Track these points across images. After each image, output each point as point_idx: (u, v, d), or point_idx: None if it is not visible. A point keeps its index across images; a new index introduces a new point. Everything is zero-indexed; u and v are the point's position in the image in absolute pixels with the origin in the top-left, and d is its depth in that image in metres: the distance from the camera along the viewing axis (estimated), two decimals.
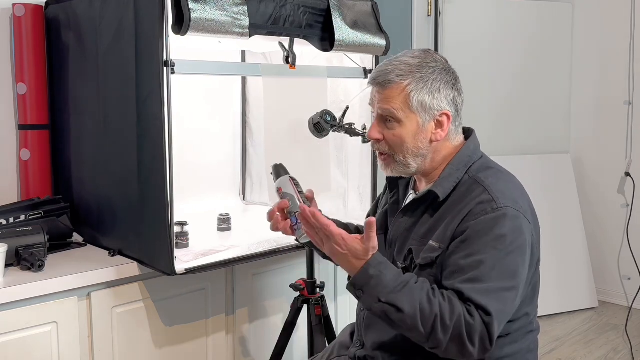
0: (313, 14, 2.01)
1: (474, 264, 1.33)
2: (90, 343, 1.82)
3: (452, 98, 1.48)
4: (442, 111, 1.46)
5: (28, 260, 1.75)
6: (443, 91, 1.45)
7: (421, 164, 1.50)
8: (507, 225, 1.35)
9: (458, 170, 1.47)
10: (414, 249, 1.47)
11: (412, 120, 1.45)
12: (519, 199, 1.43)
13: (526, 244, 1.37)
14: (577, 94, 4.16)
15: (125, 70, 1.82)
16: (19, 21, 2.12)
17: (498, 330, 1.31)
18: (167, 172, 1.72)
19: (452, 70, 1.50)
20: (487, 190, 1.41)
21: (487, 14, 3.91)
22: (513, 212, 1.37)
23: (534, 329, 1.54)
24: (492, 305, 1.29)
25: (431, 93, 1.44)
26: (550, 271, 3.87)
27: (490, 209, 1.37)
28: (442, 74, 1.46)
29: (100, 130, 1.97)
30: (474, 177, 1.45)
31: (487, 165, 1.51)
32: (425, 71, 1.45)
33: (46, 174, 2.20)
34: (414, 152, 1.47)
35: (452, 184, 1.46)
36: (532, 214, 1.47)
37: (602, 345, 3.42)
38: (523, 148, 4.03)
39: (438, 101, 1.45)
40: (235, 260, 1.97)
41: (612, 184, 4.00)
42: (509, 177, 1.51)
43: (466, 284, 1.32)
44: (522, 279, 1.36)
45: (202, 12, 1.69)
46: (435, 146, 1.49)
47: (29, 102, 2.16)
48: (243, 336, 2.19)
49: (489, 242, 1.34)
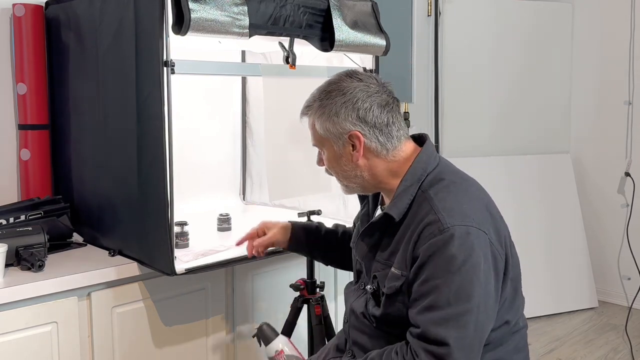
0: (313, 14, 2.01)
1: (431, 290, 1.33)
2: (90, 343, 1.82)
3: (357, 116, 1.44)
4: (349, 132, 1.44)
5: (28, 260, 1.75)
6: (342, 114, 1.44)
7: (362, 182, 1.50)
8: (457, 245, 1.32)
9: (411, 185, 1.45)
10: (379, 275, 1.47)
11: (329, 147, 1.49)
12: (471, 211, 1.39)
13: (481, 260, 1.34)
14: (577, 94, 4.16)
15: (125, 70, 1.82)
16: (19, 21, 2.12)
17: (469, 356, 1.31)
18: (167, 172, 1.72)
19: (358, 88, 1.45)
20: (433, 209, 1.38)
21: (487, 14, 3.91)
22: (461, 230, 1.34)
23: (520, 328, 1.53)
24: (451, 334, 1.29)
25: (330, 119, 1.45)
26: (550, 271, 3.88)
27: (437, 230, 1.34)
28: (339, 97, 1.45)
29: (100, 130, 1.97)
30: (425, 193, 1.43)
31: (440, 177, 1.46)
32: (324, 97, 1.46)
33: (46, 174, 2.20)
34: (344, 175, 1.50)
35: (406, 202, 1.44)
36: (490, 221, 1.43)
37: (602, 345, 3.42)
38: (523, 148, 4.03)
39: (340, 125, 1.44)
40: (235, 260, 1.97)
41: (612, 184, 4.00)
42: (462, 187, 1.46)
43: (424, 313, 1.33)
44: (481, 298, 1.33)
45: (202, 12, 1.69)
46: (364, 164, 1.47)
47: (29, 102, 2.16)
48: (243, 336, 2.19)
49: (441, 266, 1.33)
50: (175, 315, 1.99)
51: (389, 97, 1.47)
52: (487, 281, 1.35)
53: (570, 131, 4.21)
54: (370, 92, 1.45)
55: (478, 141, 3.94)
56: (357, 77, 1.47)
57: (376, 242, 1.50)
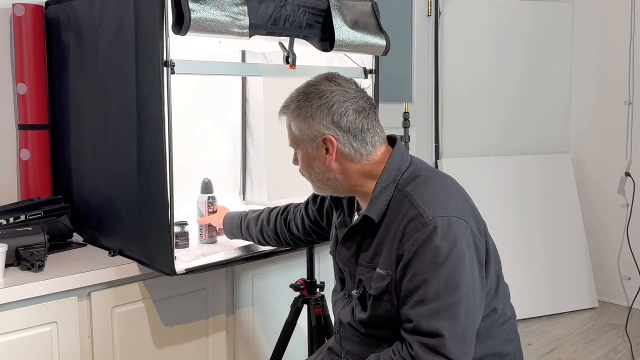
0: (313, 14, 2.01)
1: (420, 284, 1.34)
2: (90, 343, 1.82)
3: (331, 121, 1.44)
4: (323, 136, 1.45)
5: (28, 260, 1.75)
6: (317, 117, 1.44)
7: (335, 185, 1.50)
8: (440, 237, 1.34)
9: (387, 187, 1.46)
10: (364, 278, 1.48)
11: (303, 149, 1.50)
12: (450, 201, 1.41)
13: (464, 248, 1.36)
14: (577, 94, 4.16)
15: (125, 70, 1.82)
16: (19, 21, 2.12)
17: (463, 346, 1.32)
18: (167, 172, 1.72)
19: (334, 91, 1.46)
20: (413, 204, 1.40)
21: (487, 14, 3.91)
22: (443, 221, 1.36)
23: (507, 319, 1.54)
24: (443, 325, 1.31)
25: (305, 120, 1.46)
26: (551, 271, 3.88)
27: (420, 224, 1.36)
28: (316, 100, 1.45)
29: (100, 130, 1.97)
30: (402, 191, 1.44)
31: (415, 174, 1.47)
32: (301, 99, 1.47)
33: (46, 174, 2.20)
34: (317, 177, 1.51)
35: (384, 203, 1.45)
36: (470, 210, 1.45)
37: (602, 345, 3.42)
38: (523, 148, 4.03)
39: (316, 127, 1.45)
40: (235, 260, 1.97)
41: (612, 184, 4.00)
42: (438, 180, 1.48)
43: (415, 308, 1.34)
44: (469, 287, 1.35)
45: (202, 12, 1.69)
46: (338, 168, 1.47)
47: (29, 102, 2.16)
48: (243, 336, 2.19)
49: (427, 259, 1.34)
50: (175, 315, 1.99)
51: (366, 104, 1.47)
52: (472, 269, 1.37)
53: (570, 131, 4.21)
54: (347, 98, 1.45)
55: (478, 141, 3.94)
56: (335, 81, 1.48)
57: (357, 245, 1.51)
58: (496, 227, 3.74)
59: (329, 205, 1.77)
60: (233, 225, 2.05)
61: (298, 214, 1.89)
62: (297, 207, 1.92)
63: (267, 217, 1.95)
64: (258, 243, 2.00)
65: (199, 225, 2.13)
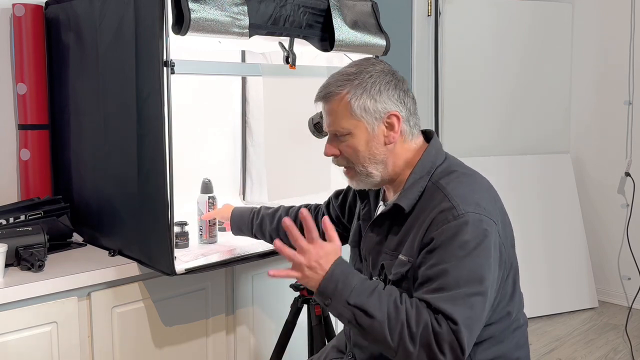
0: (313, 14, 2.01)
1: (440, 273, 1.32)
2: (90, 343, 1.82)
3: (398, 97, 1.45)
4: (389, 112, 1.44)
5: (28, 260, 1.75)
6: (384, 93, 1.44)
7: (383, 171, 1.49)
8: (470, 231, 1.34)
9: (421, 178, 1.46)
10: (386, 264, 1.47)
11: (361, 128, 1.45)
12: (482, 200, 1.41)
13: (491, 246, 1.36)
14: (577, 94, 4.16)
15: (125, 70, 1.82)
16: (19, 21, 2.12)
17: (470, 337, 1.30)
18: (167, 172, 1.72)
19: (393, 71, 1.49)
20: (447, 197, 1.39)
21: (487, 14, 3.91)
22: (475, 217, 1.35)
23: (520, 325, 1.54)
24: (459, 312, 1.28)
25: (372, 97, 1.44)
26: (551, 271, 3.88)
27: (452, 216, 1.35)
28: (381, 76, 1.45)
29: (100, 130, 1.97)
30: (436, 184, 1.44)
31: (450, 169, 1.48)
32: (363, 77, 1.45)
33: (46, 174, 2.20)
34: (371, 159, 1.47)
35: (416, 193, 1.45)
36: (499, 213, 1.45)
37: (602, 345, 3.42)
38: (523, 148, 4.03)
39: (382, 104, 1.44)
40: (235, 260, 1.97)
41: (612, 184, 4.00)
42: (473, 179, 1.49)
43: (432, 293, 1.32)
44: (490, 282, 1.35)
45: (202, 12, 1.69)
46: (392, 149, 1.47)
47: (29, 102, 2.16)
48: (243, 336, 2.19)
49: (453, 250, 1.33)
50: (175, 315, 1.99)
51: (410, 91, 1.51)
52: (494, 269, 1.37)
53: (570, 131, 4.21)
54: (400, 79, 1.48)
55: (478, 141, 3.94)
56: (386, 63, 1.50)
57: (384, 233, 1.50)
58: None
59: (352, 199, 1.77)
60: (244, 220, 2.02)
61: (320, 214, 1.89)
62: (318, 207, 1.93)
63: (286, 216, 1.92)
64: (269, 241, 1.96)
65: (200, 224, 2.13)
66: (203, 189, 2.15)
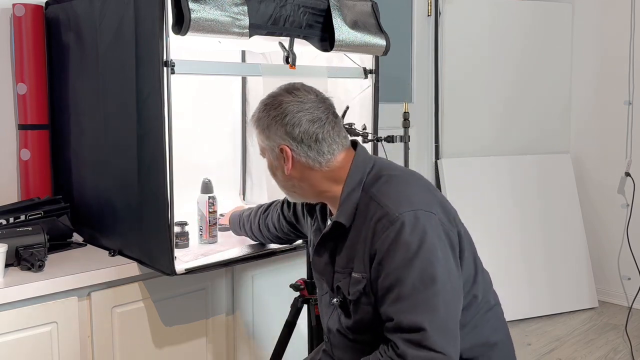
0: (313, 14, 2.01)
1: (395, 282, 1.35)
2: (90, 343, 1.82)
3: (285, 132, 1.47)
4: (279, 146, 1.49)
5: (28, 260, 1.75)
6: (273, 128, 1.48)
7: (301, 193, 1.55)
8: (409, 232, 1.36)
9: (354, 190, 1.48)
10: (341, 285, 1.50)
11: (268, 158, 1.55)
12: (414, 196, 1.43)
13: (435, 239, 1.37)
14: (577, 94, 4.16)
15: (125, 70, 1.82)
16: (19, 21, 2.12)
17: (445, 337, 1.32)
18: (167, 172, 1.72)
19: (286, 104, 1.49)
20: (379, 204, 1.42)
21: (487, 14, 3.91)
22: (410, 216, 1.37)
23: (491, 307, 1.55)
24: (423, 319, 1.31)
25: (264, 131, 1.50)
26: (551, 271, 3.88)
27: (388, 222, 1.38)
28: (272, 111, 1.49)
29: (100, 130, 1.97)
30: (368, 193, 1.46)
31: (379, 174, 1.50)
32: (261, 110, 1.51)
33: (46, 174, 2.20)
34: (283, 184, 1.56)
35: (352, 207, 1.47)
36: (436, 201, 1.46)
37: (602, 345, 3.42)
38: (523, 148, 4.03)
39: (272, 139, 1.49)
40: (235, 260, 1.97)
41: (612, 184, 4.00)
42: (402, 177, 1.50)
43: (393, 305, 1.35)
44: (445, 278, 1.36)
45: (202, 12, 1.69)
46: (299, 177, 1.51)
47: (29, 102, 2.16)
48: (243, 336, 2.19)
49: (399, 255, 1.35)
50: (175, 315, 1.99)
51: (322, 114, 1.49)
52: (446, 259, 1.38)
53: (570, 131, 4.21)
54: (302, 108, 1.48)
55: (478, 141, 3.94)
56: (293, 93, 1.50)
57: (331, 252, 1.53)
58: (496, 227, 3.76)
59: (301, 212, 1.81)
60: (235, 224, 2.13)
61: (276, 213, 1.94)
62: (277, 205, 1.97)
63: (254, 215, 2.02)
64: (256, 241, 2.06)
65: (200, 223, 2.14)
66: (203, 189, 2.15)
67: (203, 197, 2.14)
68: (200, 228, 2.13)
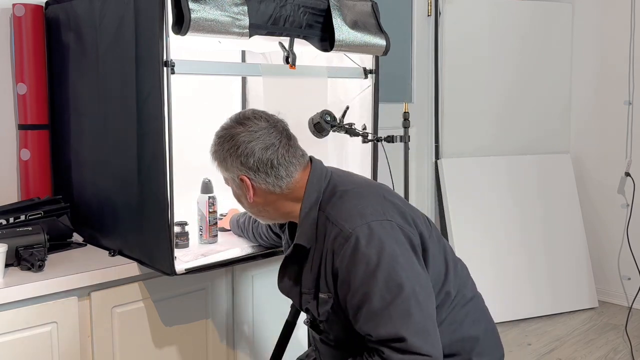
0: (313, 14, 2.01)
1: (364, 299, 1.36)
2: (90, 343, 1.82)
3: (240, 163, 1.49)
4: (238, 177, 1.51)
5: (28, 260, 1.75)
6: (229, 160, 1.51)
7: (268, 216, 1.58)
8: (365, 244, 1.36)
9: (311, 209, 1.49)
10: (310, 307, 1.51)
11: (231, 185, 1.59)
12: (366, 208, 1.43)
13: (395, 246, 1.37)
14: (577, 94, 4.16)
15: (125, 70, 1.82)
16: (19, 21, 2.12)
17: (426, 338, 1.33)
18: (167, 172, 1.73)
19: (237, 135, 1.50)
20: (333, 223, 1.43)
21: (487, 14, 3.91)
22: (363, 229, 1.38)
23: (468, 300, 1.55)
24: (400, 327, 1.32)
25: (222, 164, 1.54)
26: (551, 271, 3.88)
27: (343, 239, 1.39)
28: (226, 144, 1.51)
29: (100, 130, 1.98)
30: (324, 212, 1.47)
31: (333, 191, 1.51)
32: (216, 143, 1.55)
33: (46, 174, 2.20)
34: (250, 211, 1.61)
35: (311, 227, 1.48)
36: (391, 207, 1.46)
37: (602, 345, 3.42)
38: (523, 148, 4.03)
39: (231, 170, 1.52)
40: (235, 260, 1.97)
41: (612, 184, 4.01)
42: (354, 192, 1.50)
43: (368, 322, 1.36)
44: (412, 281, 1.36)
45: (202, 12, 1.69)
46: (263, 203, 1.53)
47: (29, 102, 2.16)
48: (243, 336, 2.19)
49: (361, 270, 1.36)
50: (175, 315, 1.99)
51: (275, 139, 1.50)
52: (409, 262, 1.38)
53: (570, 131, 4.21)
54: (253, 138, 1.49)
55: (478, 141, 3.94)
56: (243, 123, 1.52)
57: (296, 274, 1.54)
58: (496, 227, 3.76)
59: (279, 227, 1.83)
60: (234, 228, 2.16)
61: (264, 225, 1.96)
62: None
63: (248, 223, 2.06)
64: (257, 243, 2.06)
65: (200, 223, 2.14)
66: (203, 189, 2.15)
67: (203, 197, 2.14)
68: (200, 228, 2.13)
